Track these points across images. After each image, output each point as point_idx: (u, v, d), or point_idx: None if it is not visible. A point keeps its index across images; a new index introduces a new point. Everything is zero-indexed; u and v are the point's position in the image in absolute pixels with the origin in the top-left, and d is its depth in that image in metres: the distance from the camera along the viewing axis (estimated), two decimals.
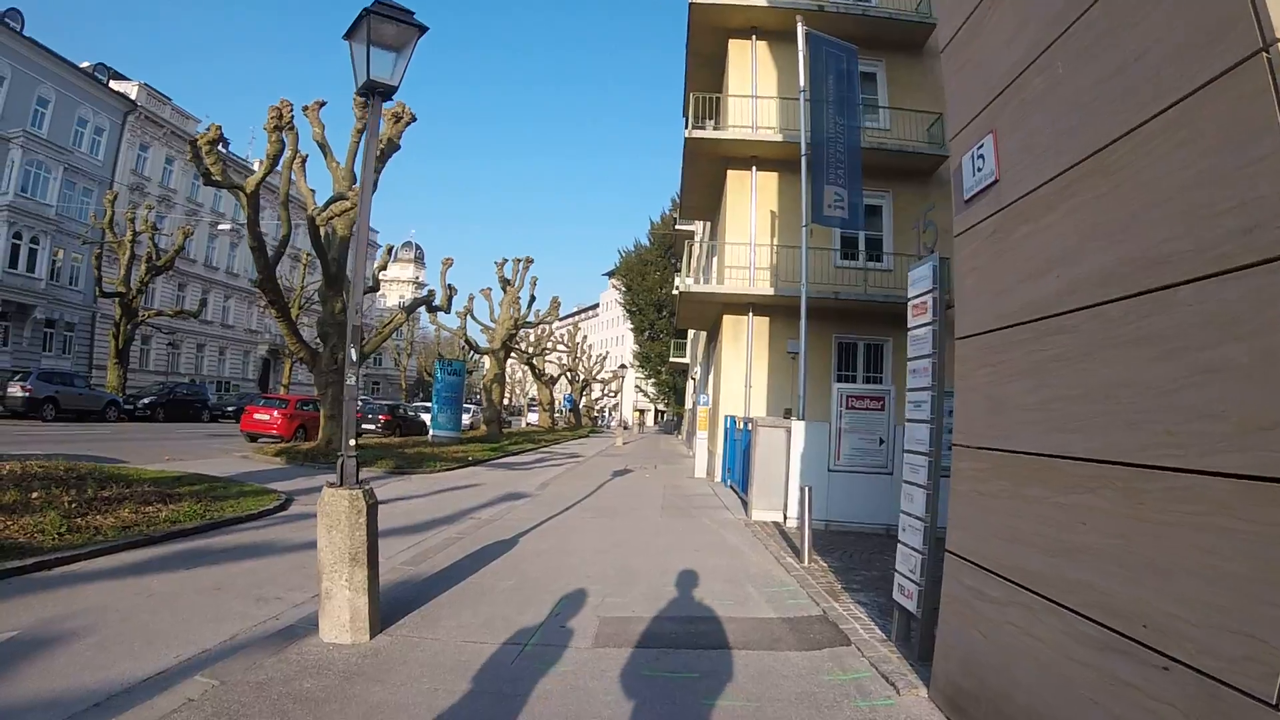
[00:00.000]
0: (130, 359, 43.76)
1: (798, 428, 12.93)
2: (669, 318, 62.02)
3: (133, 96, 51.51)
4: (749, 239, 21.22)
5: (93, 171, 48.15)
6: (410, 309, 25.70)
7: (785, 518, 12.96)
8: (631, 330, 72.74)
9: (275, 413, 26.97)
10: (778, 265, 20.76)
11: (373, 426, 35.89)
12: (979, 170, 5.00)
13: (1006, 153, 4.71)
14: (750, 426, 14.49)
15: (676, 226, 42.70)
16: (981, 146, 4.99)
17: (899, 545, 6.33)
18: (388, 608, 6.69)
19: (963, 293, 5.31)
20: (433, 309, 26.81)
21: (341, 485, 6.26)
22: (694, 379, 41.10)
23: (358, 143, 21.01)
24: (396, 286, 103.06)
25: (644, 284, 64.80)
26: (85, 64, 48.85)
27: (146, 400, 37.34)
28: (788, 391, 20.50)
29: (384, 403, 40.45)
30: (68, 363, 45.50)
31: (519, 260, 41.15)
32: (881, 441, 12.73)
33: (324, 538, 6.10)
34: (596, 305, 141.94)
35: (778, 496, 13.28)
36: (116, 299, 38.55)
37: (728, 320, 21.22)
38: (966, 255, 5.26)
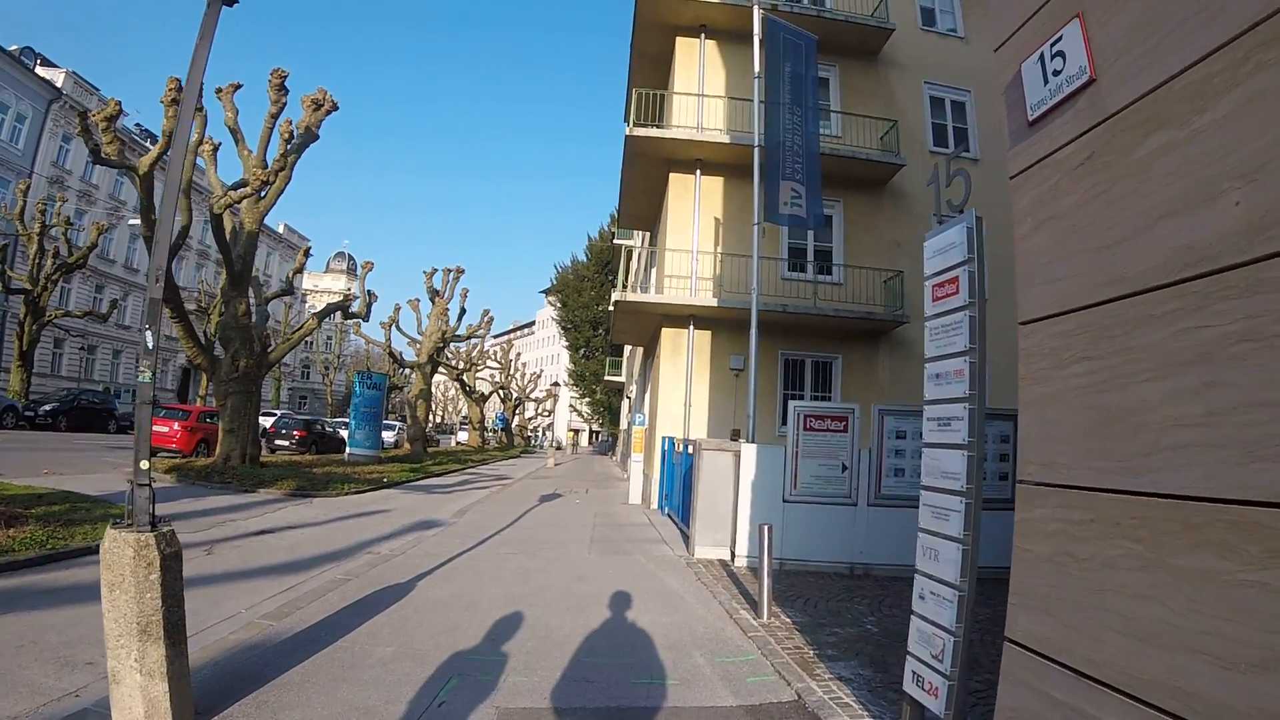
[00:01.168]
0: (37, 363, 41.42)
1: (748, 452, 11.23)
2: (605, 335, 60.41)
3: (59, 84, 48.36)
4: (691, 246, 19.62)
5: (11, 161, 45.08)
6: (323, 314, 23.61)
7: (733, 555, 11.25)
8: (567, 348, 70.91)
9: (175, 425, 24.66)
10: (722, 275, 19.20)
11: (287, 443, 33.54)
12: (1055, 73, 3.38)
13: (1107, 38, 3.08)
14: (692, 450, 12.76)
15: (615, 240, 41.15)
16: (1057, 39, 3.37)
17: (914, 618, 4.63)
18: (219, 686, 5.05)
19: (1027, 256, 3.66)
20: (349, 315, 24.80)
21: (128, 526, 4.42)
22: (629, 398, 39.38)
23: (271, 128, 19.12)
24: (327, 297, 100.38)
25: (580, 300, 63.12)
26: (14, 47, 45.77)
27: (48, 407, 34.48)
28: (730, 411, 18.97)
29: (301, 417, 38.04)
30: None
31: (449, 270, 39.25)
32: (845, 468, 11.11)
33: (106, 600, 4.36)
34: (533, 323, 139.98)
35: (724, 531, 11.58)
36: (22, 296, 36.09)
37: (666, 334, 19.57)
38: (1034, 201, 3.62)
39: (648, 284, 23.56)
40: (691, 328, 19.28)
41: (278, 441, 33.58)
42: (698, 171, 20.13)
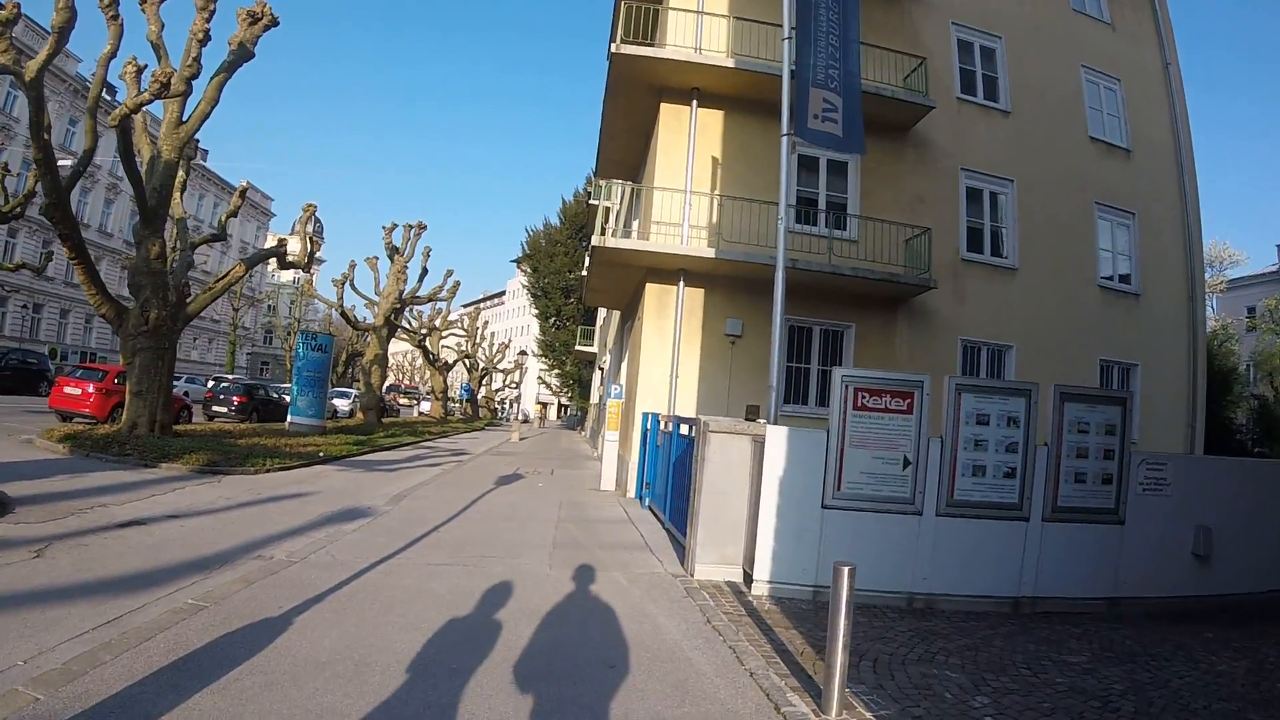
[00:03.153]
0: None
1: (776, 437, 8.18)
2: (577, 303, 57.64)
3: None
4: (684, 187, 16.58)
5: None
6: (253, 261, 20.45)
7: (750, 577, 8.22)
8: (536, 317, 67.84)
9: (89, 387, 21.46)
10: (720, 223, 16.18)
11: (225, 409, 30.31)
12: None
13: None
14: (691, 431, 9.68)
15: (590, 201, 38.06)
16: None
17: None
18: None
19: None
20: (286, 264, 21.57)
21: None
22: (602, 369, 36.29)
23: (199, 39, 16.06)
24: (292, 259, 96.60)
25: (551, 266, 60.12)
26: None
27: None
28: (725, 385, 16.13)
29: (242, 382, 34.67)
30: None
31: (410, 226, 36.10)
32: (907, 463, 8.16)
33: None
34: (503, 293, 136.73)
35: (735, 543, 8.60)
36: None
37: (651, 291, 16.56)
38: None
39: (630, 233, 20.47)
40: (681, 284, 16.31)
41: (215, 408, 30.41)
42: (694, 103, 17.13)
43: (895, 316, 17.60)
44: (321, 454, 19.19)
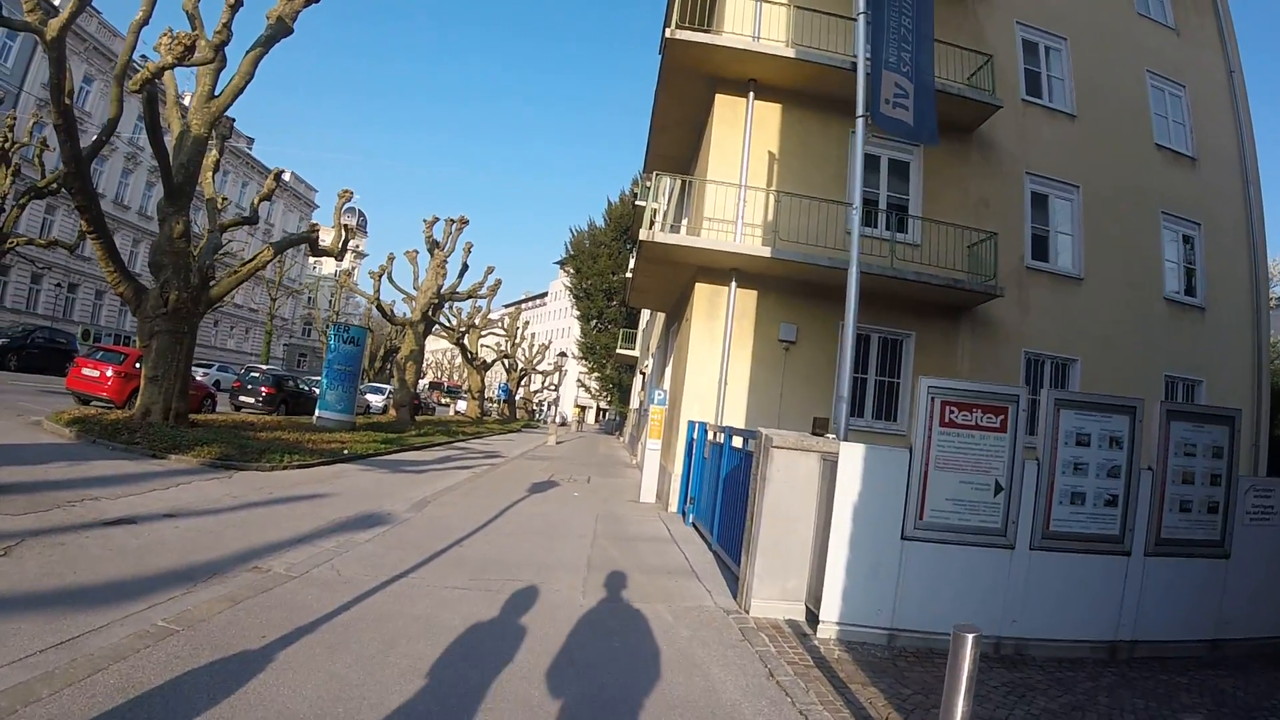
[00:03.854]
0: (9, 298, 38.54)
1: (850, 456, 7.07)
2: (620, 306, 56.63)
3: (56, 2, 44.57)
4: (739, 181, 15.56)
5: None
6: (282, 246, 19.61)
7: (816, 616, 7.11)
8: (578, 318, 66.86)
9: (108, 370, 20.67)
10: (776, 221, 15.10)
11: (252, 400, 29.59)
12: None
13: None
14: (752, 446, 8.56)
15: (636, 203, 37.05)
16: None
17: None
18: None
19: None
20: (319, 251, 20.72)
21: None
22: (643, 373, 35.23)
23: (229, 11, 15.31)
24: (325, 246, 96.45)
25: (595, 268, 59.07)
26: None
27: None
28: (776, 394, 15.07)
29: (271, 372, 33.90)
30: None
31: (451, 220, 35.24)
32: (999, 489, 7.08)
33: None
34: (545, 294, 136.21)
35: (797, 575, 7.51)
36: None
37: (701, 291, 15.51)
38: None
39: (679, 229, 19.44)
40: (733, 285, 15.25)
41: (242, 398, 29.69)
42: (750, 94, 16.08)
43: (957, 325, 16.47)
44: (346, 451, 18.34)
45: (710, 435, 12.46)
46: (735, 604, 7.84)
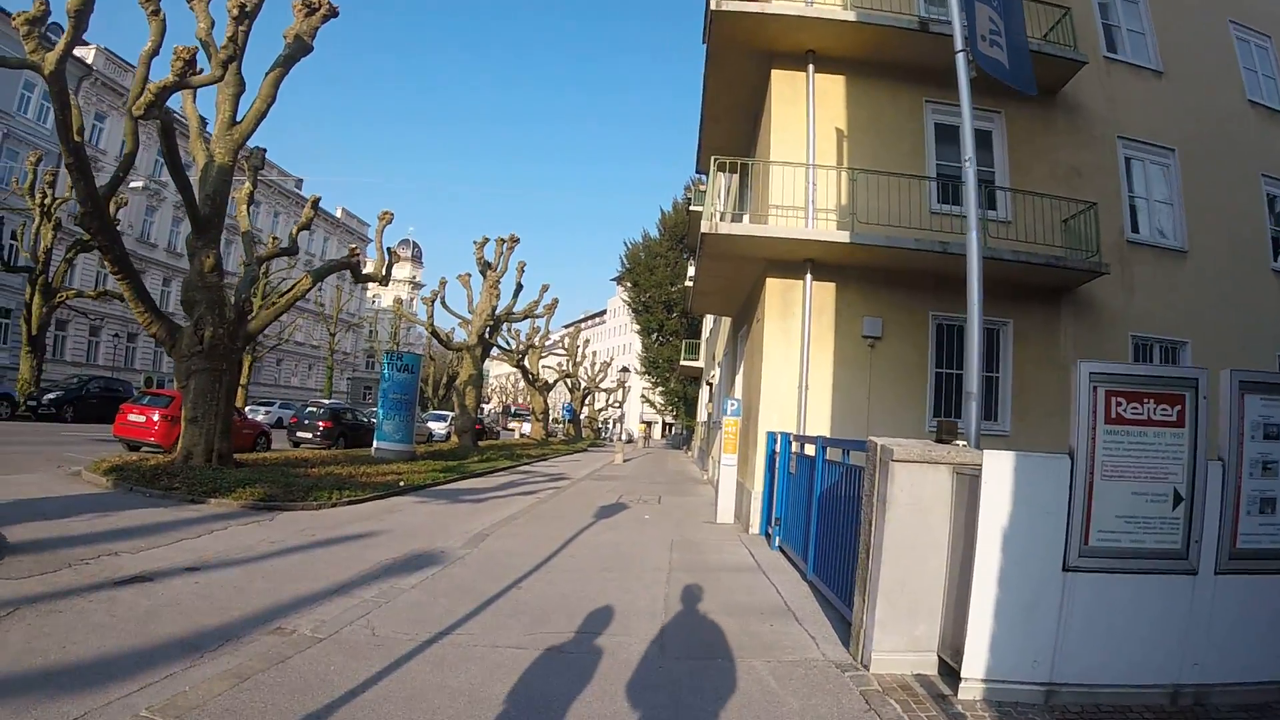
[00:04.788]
0: (68, 351, 39.47)
1: (998, 467, 5.47)
2: (680, 317, 55.31)
3: (89, 61, 45.13)
4: (807, 159, 14.13)
5: (37, 140, 40.90)
6: (321, 274, 18.64)
7: (958, 673, 5.52)
8: (638, 333, 65.62)
9: (155, 414, 20.00)
10: (853, 202, 13.58)
11: (309, 435, 28.77)
12: None
13: None
14: (857, 459, 7.04)
15: (690, 208, 35.76)
16: None
17: None
18: None
19: None
20: (361, 278, 19.71)
21: None
22: (710, 384, 33.67)
23: (244, 40, 14.53)
24: (394, 286, 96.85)
25: (652, 280, 57.75)
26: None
27: (52, 396, 30.91)
28: (864, 397, 13.61)
29: (329, 406, 33.06)
30: None
31: (502, 240, 34.30)
32: (1179, 499, 5.55)
33: None
34: (604, 312, 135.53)
35: (930, 621, 5.94)
36: (27, 275, 32.48)
37: (772, 287, 14.04)
38: None
39: (742, 219, 17.96)
40: (809, 277, 13.72)
41: (300, 434, 28.97)
42: (810, 67, 14.58)
43: (1058, 310, 14.79)
44: (402, 483, 17.20)
45: (795, 447, 10.98)
46: (848, 655, 6.32)
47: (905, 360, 13.77)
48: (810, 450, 9.96)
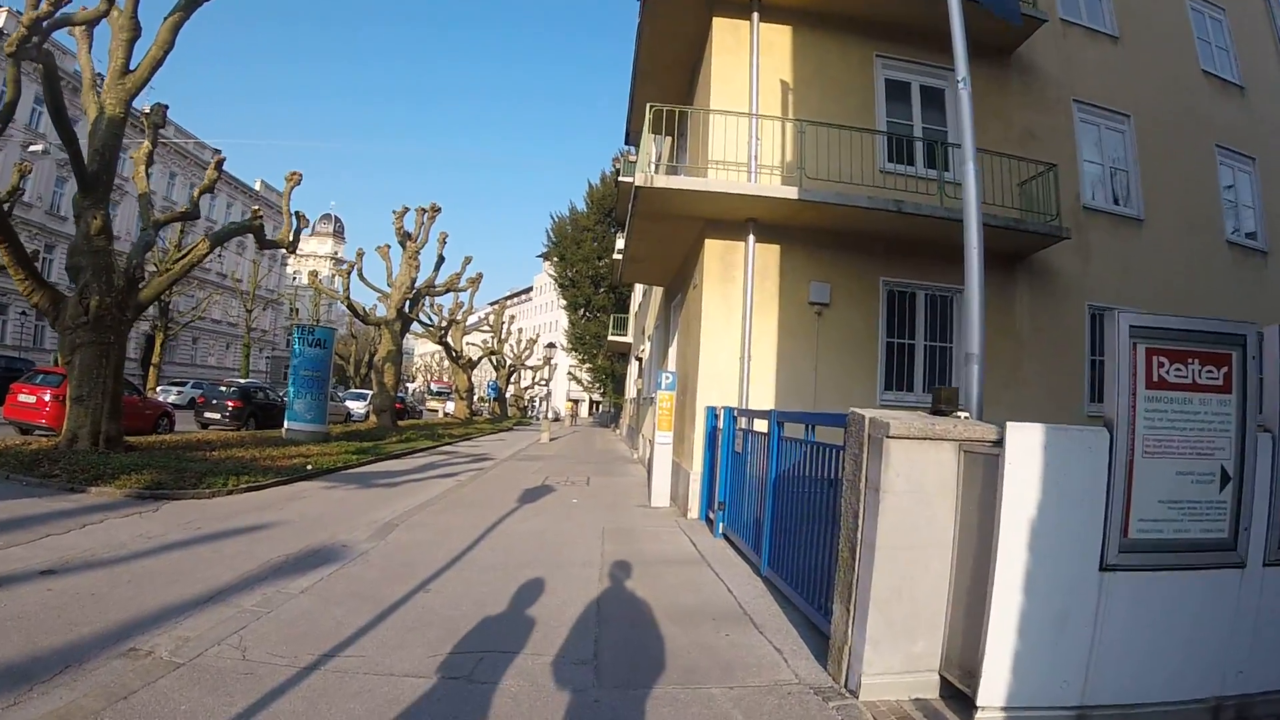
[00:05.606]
0: None
1: (1024, 444, 4.32)
2: (607, 293, 54.09)
3: None
4: (750, 109, 13.02)
5: None
6: (222, 237, 17.02)
7: (971, 698, 4.34)
8: (565, 308, 64.19)
9: (47, 394, 18.44)
10: (802, 156, 12.45)
11: (218, 416, 26.92)
12: None
13: None
14: (851, 437, 5.35)
15: (620, 179, 34.48)
16: None
17: None
18: None
19: None
20: (266, 244, 18.06)
21: None
22: (639, 359, 32.48)
23: None
24: (312, 261, 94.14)
25: (579, 254, 56.33)
26: None
27: None
28: (810, 368, 12.58)
29: (238, 384, 31.09)
30: None
31: (423, 210, 32.68)
32: (1227, 479, 4.51)
33: None
34: (530, 289, 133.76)
35: (931, 634, 4.76)
36: None
37: (712, 249, 12.87)
38: None
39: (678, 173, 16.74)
40: (751, 238, 12.59)
41: (208, 414, 27.05)
42: (755, 15, 13.42)
43: (1014, 278, 13.99)
44: (310, 466, 15.75)
45: (744, 423, 9.85)
46: (828, 676, 5.15)
47: (854, 329, 12.78)
48: (761, 425, 8.84)
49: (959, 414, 5.27)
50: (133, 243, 16.41)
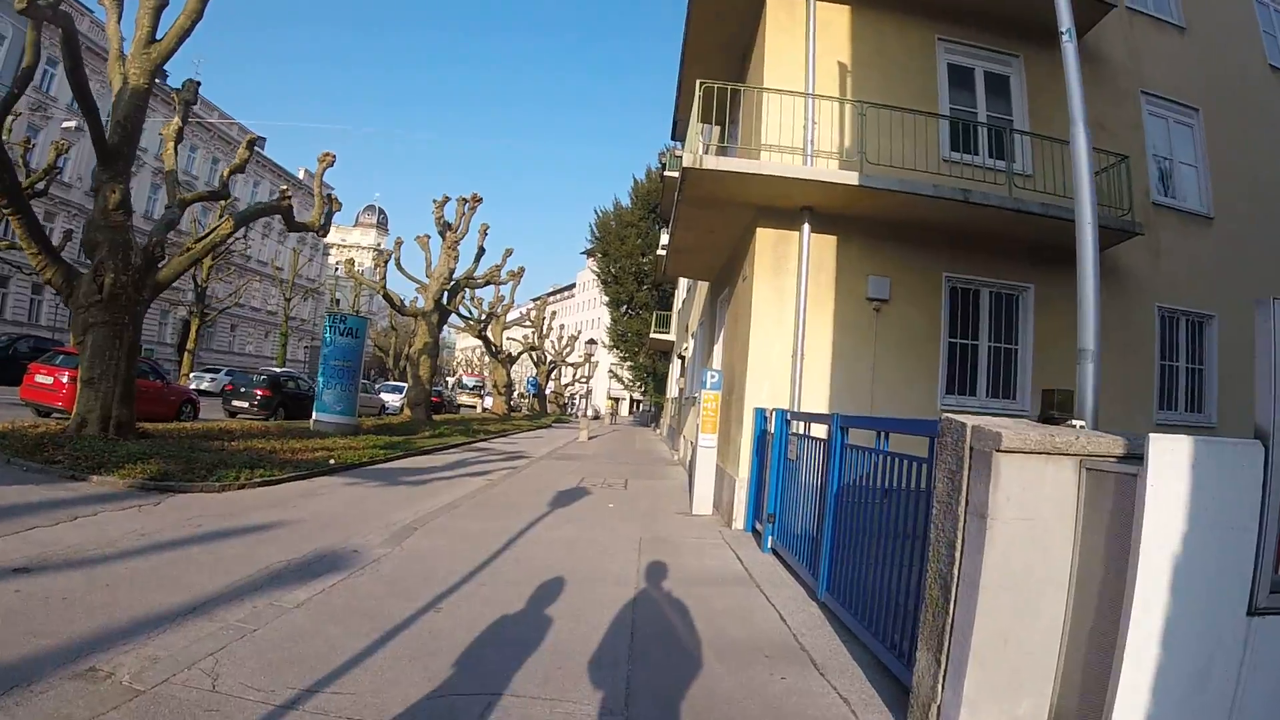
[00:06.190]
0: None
1: (1170, 459, 3.38)
2: (651, 290, 53.30)
3: None
4: (806, 89, 12.15)
5: None
6: (247, 217, 16.49)
7: None
8: (607, 304, 63.43)
9: (64, 376, 17.88)
10: (863, 140, 11.50)
11: (246, 404, 26.46)
12: None
13: None
14: (946, 450, 4.40)
15: (665, 173, 33.69)
16: None
17: None
18: None
19: None
20: (295, 226, 17.42)
21: None
22: (682, 357, 31.62)
23: None
24: (356, 253, 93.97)
25: (623, 249, 55.64)
26: None
27: None
28: (869, 368, 11.71)
29: (270, 372, 30.57)
30: None
31: (464, 200, 32.06)
32: None
33: None
34: (573, 285, 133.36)
35: (1039, 691, 3.81)
36: None
37: (764, 239, 11.98)
38: None
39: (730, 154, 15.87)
40: (806, 227, 11.68)
41: (235, 403, 26.65)
42: None
43: None
44: (332, 460, 15.07)
45: (800, 428, 8.95)
46: None
47: (915, 327, 11.85)
48: (818, 430, 7.98)
49: (1074, 422, 4.38)
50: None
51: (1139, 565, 3.39)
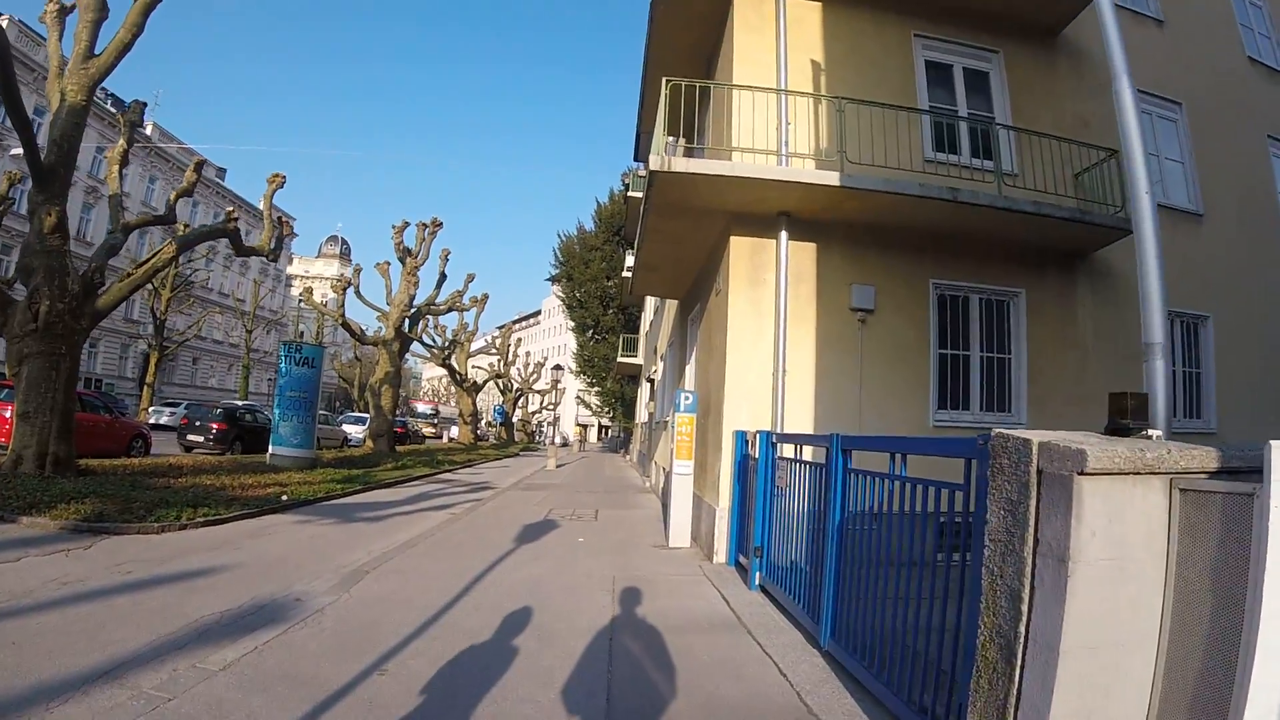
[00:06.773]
0: None
1: None
2: (617, 313, 52.60)
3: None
4: (777, 84, 11.48)
5: None
6: (190, 240, 15.59)
7: None
8: (573, 329, 62.59)
9: (7, 411, 16.81)
10: (843, 138, 10.74)
11: (201, 438, 25.40)
12: None
13: None
14: (1005, 472, 3.53)
15: (629, 194, 33.05)
16: None
17: None
18: None
19: None
20: (244, 250, 16.41)
21: None
22: (651, 380, 30.78)
23: None
24: (319, 284, 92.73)
25: (587, 273, 54.90)
26: None
27: None
28: (855, 384, 10.92)
29: (226, 405, 29.42)
30: None
31: (423, 224, 31.20)
32: None
33: None
34: (538, 313, 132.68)
35: None
36: None
37: (739, 247, 11.18)
38: None
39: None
40: (784, 234, 10.91)
41: (190, 437, 25.63)
42: None
43: (1074, 278, 12.43)
44: (285, 496, 14.12)
45: (789, 451, 8.08)
46: None
47: (902, 339, 11.12)
48: (810, 453, 7.15)
49: (1150, 432, 3.56)
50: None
51: (1262, 611, 2.56)
